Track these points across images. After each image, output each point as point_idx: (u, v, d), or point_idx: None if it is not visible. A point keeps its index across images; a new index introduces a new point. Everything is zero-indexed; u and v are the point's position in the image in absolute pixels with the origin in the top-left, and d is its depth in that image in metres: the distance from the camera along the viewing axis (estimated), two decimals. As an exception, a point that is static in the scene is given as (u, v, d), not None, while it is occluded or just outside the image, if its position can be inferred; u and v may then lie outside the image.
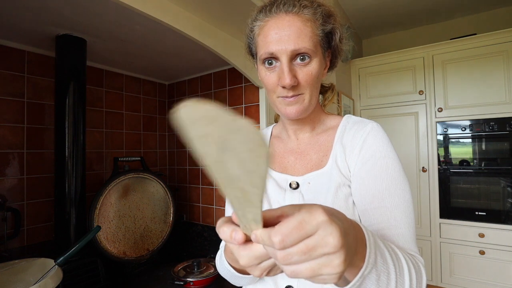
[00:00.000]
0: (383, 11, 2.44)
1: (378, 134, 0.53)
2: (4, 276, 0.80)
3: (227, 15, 1.02)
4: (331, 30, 0.54)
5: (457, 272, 2.05)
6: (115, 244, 1.16)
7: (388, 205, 0.48)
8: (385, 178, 0.49)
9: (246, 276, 0.52)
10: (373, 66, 2.43)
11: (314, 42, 0.51)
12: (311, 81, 0.52)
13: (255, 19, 0.55)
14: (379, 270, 0.35)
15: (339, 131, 0.58)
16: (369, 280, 0.34)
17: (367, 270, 0.33)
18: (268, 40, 0.51)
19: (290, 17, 0.51)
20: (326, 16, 0.53)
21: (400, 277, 0.38)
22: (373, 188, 0.49)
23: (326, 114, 0.64)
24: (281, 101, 0.54)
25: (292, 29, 0.50)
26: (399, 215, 0.47)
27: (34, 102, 1.15)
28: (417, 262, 0.44)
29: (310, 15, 0.51)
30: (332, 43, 0.56)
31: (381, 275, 0.36)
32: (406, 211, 0.48)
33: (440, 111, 2.15)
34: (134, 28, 1.02)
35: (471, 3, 2.33)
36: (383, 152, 0.51)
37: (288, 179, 0.59)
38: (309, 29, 0.51)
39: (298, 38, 0.49)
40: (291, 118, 0.55)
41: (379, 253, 0.36)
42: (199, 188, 1.62)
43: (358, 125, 0.56)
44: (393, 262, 0.38)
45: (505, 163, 1.95)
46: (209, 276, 1.08)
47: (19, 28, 0.99)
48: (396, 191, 0.49)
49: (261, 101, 1.38)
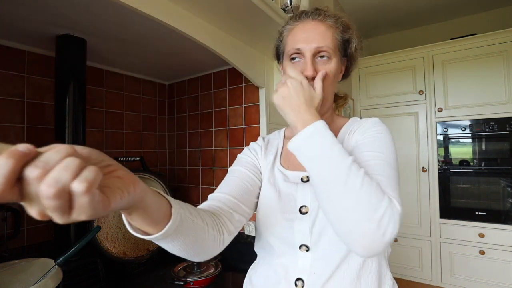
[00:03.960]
0: (383, 11, 2.44)
1: (379, 121, 0.62)
2: (4, 276, 0.80)
3: (227, 15, 1.02)
4: (348, 39, 0.64)
5: (457, 272, 2.05)
6: (115, 244, 1.16)
7: (382, 162, 0.52)
8: (383, 148, 0.54)
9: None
10: (373, 66, 2.43)
11: (334, 44, 0.61)
12: (329, 76, 0.60)
13: (286, 23, 0.67)
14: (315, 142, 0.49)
15: (345, 126, 0.67)
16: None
17: None
18: (296, 39, 0.62)
19: (316, 22, 0.61)
20: (346, 27, 0.63)
21: (341, 160, 0.47)
22: (371, 150, 0.54)
23: (337, 116, 0.72)
24: None
25: (317, 31, 0.60)
26: (390, 171, 0.51)
27: (34, 102, 1.15)
28: (381, 188, 0.46)
29: (332, 23, 0.62)
30: (348, 51, 0.65)
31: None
32: (396, 175, 0.52)
33: (440, 111, 2.15)
34: (134, 28, 1.02)
35: (471, 3, 2.33)
36: (384, 133, 0.58)
37: (300, 175, 0.63)
38: (331, 33, 0.61)
39: (322, 38, 0.60)
40: None
41: (318, 135, 0.50)
42: (199, 188, 1.62)
43: (362, 119, 0.65)
44: (332, 148, 0.48)
45: (505, 163, 1.95)
46: (209, 276, 1.08)
47: (19, 28, 0.99)
48: (391, 159, 0.53)
49: (261, 101, 1.38)
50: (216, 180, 1.54)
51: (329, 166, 0.47)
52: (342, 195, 0.45)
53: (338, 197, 0.45)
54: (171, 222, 0.40)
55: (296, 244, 0.58)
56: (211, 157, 1.57)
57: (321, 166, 0.48)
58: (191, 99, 1.69)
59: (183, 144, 1.72)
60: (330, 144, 0.48)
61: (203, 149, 1.62)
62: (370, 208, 0.43)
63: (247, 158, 0.72)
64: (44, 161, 0.25)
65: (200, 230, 0.47)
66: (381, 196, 0.44)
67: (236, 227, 0.59)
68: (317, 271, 0.55)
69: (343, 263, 0.54)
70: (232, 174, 0.68)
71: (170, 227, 0.40)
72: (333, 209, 0.47)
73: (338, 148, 0.48)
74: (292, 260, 0.58)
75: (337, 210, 0.46)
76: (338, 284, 0.54)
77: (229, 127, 1.50)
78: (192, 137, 1.67)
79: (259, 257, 0.69)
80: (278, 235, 0.60)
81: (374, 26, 2.72)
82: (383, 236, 0.42)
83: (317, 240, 0.56)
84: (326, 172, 0.47)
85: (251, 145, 0.77)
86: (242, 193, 0.63)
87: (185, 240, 0.45)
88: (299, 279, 0.56)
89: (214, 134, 1.57)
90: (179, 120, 1.75)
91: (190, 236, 0.45)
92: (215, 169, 1.55)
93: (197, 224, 0.47)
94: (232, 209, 0.59)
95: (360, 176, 0.45)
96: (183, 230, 0.44)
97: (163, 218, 0.40)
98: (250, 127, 1.41)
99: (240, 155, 0.74)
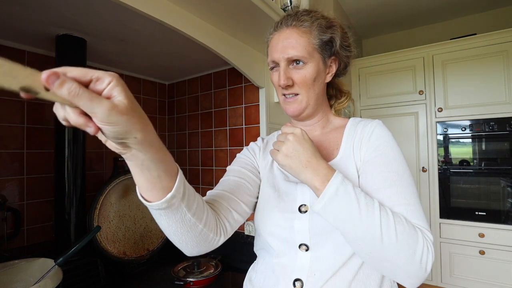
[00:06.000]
0: (383, 11, 2.44)
1: (383, 127, 0.61)
2: (4, 276, 0.80)
3: (228, 15, 1.02)
4: (330, 39, 0.63)
5: (457, 272, 2.05)
6: (115, 244, 1.16)
7: (398, 185, 0.53)
8: (394, 163, 0.55)
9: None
10: (373, 66, 2.43)
11: (308, 50, 0.60)
12: (305, 82, 0.61)
13: (269, 33, 0.67)
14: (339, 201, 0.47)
15: (347, 129, 0.65)
16: (330, 204, 0.48)
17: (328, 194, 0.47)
18: (273, 50, 0.63)
19: (290, 30, 0.62)
20: (325, 28, 0.62)
21: (368, 217, 0.46)
22: (384, 170, 0.54)
23: (334, 116, 0.71)
24: (283, 100, 0.66)
25: (289, 40, 0.61)
26: (409, 195, 0.52)
27: (34, 102, 1.15)
28: (414, 227, 0.48)
29: (307, 27, 0.61)
30: (333, 49, 0.64)
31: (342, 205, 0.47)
32: (414, 191, 0.53)
33: (440, 111, 2.15)
34: (134, 28, 1.02)
35: (471, 3, 2.33)
36: (390, 142, 0.58)
37: None
38: (305, 39, 0.61)
39: (293, 48, 0.60)
40: (291, 116, 0.66)
41: (343, 190, 0.48)
42: (199, 188, 1.62)
43: (364, 122, 0.64)
44: (359, 205, 0.47)
45: (505, 163, 1.95)
46: (209, 276, 1.08)
47: (19, 28, 0.99)
48: (404, 174, 0.54)
49: (261, 101, 1.38)
50: (216, 180, 1.54)
51: (361, 226, 0.46)
52: (381, 251, 0.47)
53: (377, 253, 0.47)
54: (177, 181, 0.42)
55: (295, 243, 0.58)
56: (211, 157, 1.57)
57: (353, 227, 0.47)
58: (191, 99, 1.69)
59: (183, 144, 1.72)
60: (355, 198, 0.48)
61: (203, 149, 1.62)
62: (409, 253, 0.46)
63: (245, 158, 0.72)
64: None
65: (200, 219, 0.49)
66: (415, 236, 0.47)
67: (233, 227, 0.59)
68: (317, 272, 0.55)
69: (344, 264, 0.54)
70: (231, 173, 0.68)
71: (177, 189, 0.42)
72: (374, 261, 0.49)
73: (363, 199, 0.48)
74: (291, 260, 0.58)
75: (378, 261, 0.48)
76: (338, 284, 0.53)
77: (229, 127, 1.50)
78: (192, 137, 1.67)
79: (258, 257, 0.69)
80: (277, 235, 0.60)
81: (374, 26, 2.72)
82: (425, 271, 0.46)
83: (316, 240, 0.56)
84: (360, 233, 0.47)
85: (250, 145, 0.77)
86: (242, 192, 0.63)
87: (184, 219, 0.46)
88: (298, 280, 0.55)
89: (214, 134, 1.57)
90: (179, 120, 1.75)
91: (190, 212, 0.46)
92: (215, 169, 1.55)
93: (200, 208, 0.49)
94: (231, 207, 0.59)
95: (392, 226, 0.46)
96: (189, 202, 0.45)
97: (170, 179, 0.41)
98: (250, 127, 1.41)
99: (239, 154, 0.74)
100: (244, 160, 0.71)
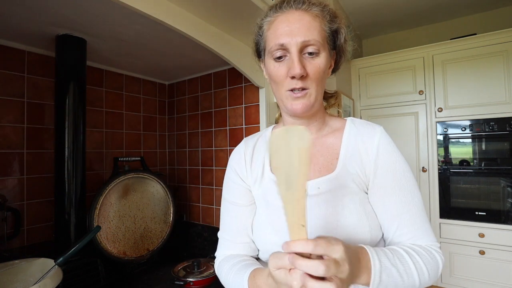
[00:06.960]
0: (383, 10, 2.44)
1: (387, 139, 0.57)
2: (4, 276, 0.80)
3: (228, 15, 1.02)
4: (336, 29, 0.56)
5: (457, 272, 2.05)
6: (115, 244, 1.16)
7: (413, 205, 0.54)
8: (404, 182, 0.54)
9: None
10: (373, 66, 2.43)
11: (322, 36, 0.53)
12: (318, 74, 0.53)
13: (265, 15, 0.58)
14: (385, 284, 0.45)
15: (345, 134, 0.59)
16: None
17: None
18: (279, 33, 0.53)
19: (300, 12, 0.53)
20: (333, 16, 0.56)
21: (409, 279, 0.48)
22: (398, 192, 0.54)
23: (329, 116, 0.65)
24: (289, 95, 0.54)
25: (302, 23, 0.52)
26: (422, 216, 0.54)
27: (34, 102, 1.15)
28: (432, 253, 0.52)
29: (318, 12, 0.53)
30: (337, 43, 0.58)
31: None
32: (423, 208, 0.55)
33: (440, 111, 2.15)
34: (134, 28, 1.02)
35: (471, 3, 2.33)
36: (397, 157, 0.56)
37: None
38: (318, 23, 0.53)
39: (308, 30, 0.51)
40: (297, 113, 0.56)
41: (385, 274, 0.45)
42: (199, 188, 1.62)
43: (365, 127, 0.58)
44: (400, 274, 0.47)
45: (505, 163, 1.95)
46: (209, 276, 1.08)
47: (19, 28, 0.99)
48: (414, 189, 0.54)
49: (261, 101, 1.38)
50: (216, 180, 1.54)
51: (404, 285, 0.48)
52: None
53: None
54: None
55: None
56: (211, 157, 1.57)
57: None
58: (191, 99, 1.69)
59: (183, 144, 1.72)
60: (395, 270, 0.47)
61: (203, 149, 1.61)
62: (435, 276, 0.52)
63: (237, 187, 0.66)
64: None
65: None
66: (437, 262, 0.51)
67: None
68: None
69: None
70: (232, 211, 0.66)
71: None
72: None
73: (399, 262, 0.48)
74: None
75: None
76: None
77: (229, 127, 1.50)
78: (192, 137, 1.67)
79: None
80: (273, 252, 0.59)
81: (374, 26, 2.72)
82: (439, 277, 0.53)
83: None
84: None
85: (233, 165, 0.68)
86: (249, 231, 0.64)
87: None
88: None
89: (214, 134, 1.57)
90: (179, 120, 1.75)
91: None
92: (215, 169, 1.55)
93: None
94: (253, 251, 0.64)
95: (424, 270, 0.49)
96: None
97: None
98: (250, 127, 1.41)
99: (229, 180, 0.68)
100: (236, 190, 0.66)
